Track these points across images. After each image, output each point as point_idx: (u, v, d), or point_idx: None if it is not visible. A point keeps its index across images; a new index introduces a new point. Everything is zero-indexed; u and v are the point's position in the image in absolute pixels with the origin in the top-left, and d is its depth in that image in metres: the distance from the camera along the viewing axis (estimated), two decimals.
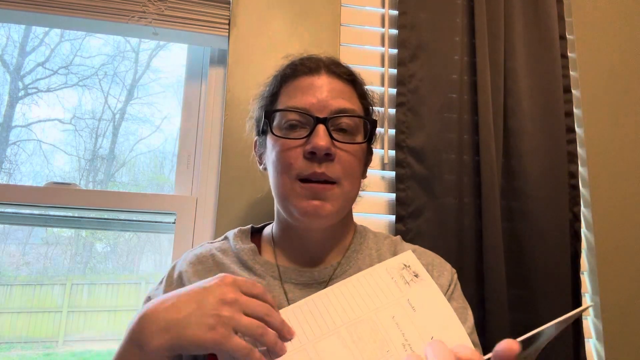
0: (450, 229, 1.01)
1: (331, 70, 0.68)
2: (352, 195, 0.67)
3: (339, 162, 0.63)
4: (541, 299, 1.00)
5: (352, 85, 0.70)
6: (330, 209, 0.63)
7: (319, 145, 0.61)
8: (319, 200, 0.62)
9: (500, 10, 1.12)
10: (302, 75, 0.68)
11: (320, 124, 0.62)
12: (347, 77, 0.69)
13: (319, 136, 0.61)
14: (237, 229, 0.74)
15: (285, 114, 0.65)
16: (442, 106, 1.07)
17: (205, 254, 0.70)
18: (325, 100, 0.64)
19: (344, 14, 1.16)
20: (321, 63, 0.69)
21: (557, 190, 1.06)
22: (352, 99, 0.68)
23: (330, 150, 0.62)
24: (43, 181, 1.03)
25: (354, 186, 0.66)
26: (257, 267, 0.67)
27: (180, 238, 1.02)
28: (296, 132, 0.64)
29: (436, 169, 1.04)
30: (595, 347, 1.10)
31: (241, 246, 0.70)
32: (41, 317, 1.57)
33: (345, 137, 0.65)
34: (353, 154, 0.65)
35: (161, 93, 1.45)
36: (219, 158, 1.07)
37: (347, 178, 0.64)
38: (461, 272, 0.99)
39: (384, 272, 0.57)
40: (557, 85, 1.12)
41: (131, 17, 1.01)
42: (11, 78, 1.38)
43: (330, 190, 0.63)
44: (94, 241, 1.48)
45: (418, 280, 0.57)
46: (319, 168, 0.62)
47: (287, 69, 0.70)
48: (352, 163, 0.65)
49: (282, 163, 0.64)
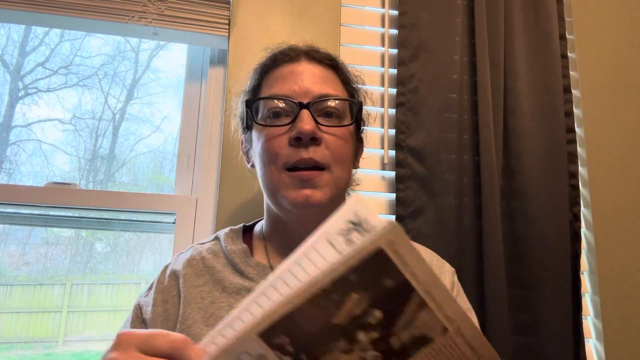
0: (450, 229, 1.01)
1: (311, 57, 0.67)
2: (343, 182, 0.64)
3: (326, 146, 0.61)
4: (541, 299, 1.00)
5: (333, 70, 0.68)
6: (321, 197, 0.60)
7: (304, 129, 0.59)
8: (308, 189, 0.60)
9: (500, 10, 1.12)
10: (282, 64, 0.67)
11: (304, 109, 0.61)
12: (328, 62, 0.68)
13: (303, 120, 0.60)
14: (228, 229, 0.72)
15: (268, 102, 0.64)
16: (442, 106, 1.07)
17: (196, 256, 0.67)
18: (307, 86, 0.63)
19: (344, 14, 1.16)
20: (300, 51, 0.68)
21: (557, 190, 1.06)
22: (335, 84, 0.67)
23: (316, 134, 0.60)
24: (43, 181, 1.03)
25: (344, 172, 0.64)
26: (248, 271, 0.65)
27: (180, 238, 1.02)
28: (280, 120, 0.63)
29: (436, 169, 1.04)
30: (595, 347, 1.10)
31: (232, 247, 0.67)
32: (41, 317, 1.57)
33: (332, 121, 0.63)
34: (341, 137, 0.63)
35: (161, 93, 1.45)
36: (219, 158, 1.07)
37: (337, 163, 0.62)
38: (461, 272, 0.99)
39: (326, 245, 0.39)
40: (557, 85, 1.12)
41: (131, 17, 1.01)
42: (11, 78, 1.38)
43: (320, 176, 0.61)
44: (94, 241, 1.48)
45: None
46: (306, 153, 0.60)
47: (267, 60, 0.69)
48: (341, 147, 0.63)
49: (268, 153, 0.62)
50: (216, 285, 0.64)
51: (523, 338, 1.00)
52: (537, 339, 0.99)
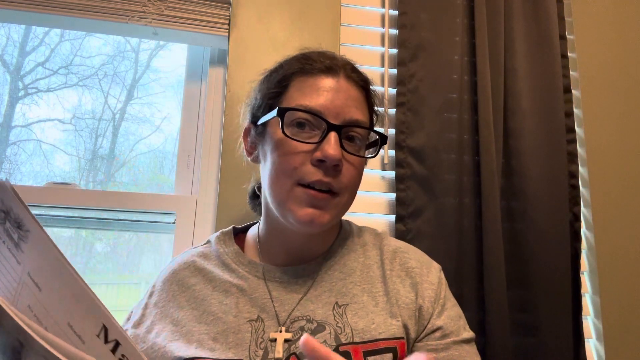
0: (450, 229, 1.01)
1: (349, 75, 0.65)
2: (348, 206, 0.66)
3: (345, 174, 0.61)
4: (541, 299, 1.00)
5: (366, 93, 0.67)
6: (327, 219, 0.61)
7: (330, 155, 0.58)
8: (317, 210, 0.60)
9: (500, 10, 1.12)
10: (318, 73, 0.63)
11: (333, 131, 0.59)
12: (363, 84, 0.67)
13: (331, 145, 0.58)
14: (219, 232, 0.73)
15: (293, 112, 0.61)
16: (442, 106, 1.07)
17: (187, 260, 0.69)
18: (341, 107, 0.61)
19: (344, 14, 1.16)
20: (340, 64, 0.65)
21: (557, 190, 1.06)
22: (365, 110, 0.66)
23: (340, 162, 0.59)
24: (43, 181, 1.03)
25: (351, 198, 0.65)
26: (240, 269, 0.66)
27: (180, 238, 1.02)
28: (305, 133, 0.60)
29: (436, 169, 1.04)
30: (595, 347, 1.10)
31: (224, 249, 0.69)
32: None
33: (353, 147, 0.63)
34: (357, 167, 0.63)
35: (161, 93, 1.45)
36: (219, 158, 1.07)
37: (348, 190, 0.63)
38: (461, 272, 0.99)
39: None
40: (557, 85, 1.12)
41: (131, 17, 1.01)
42: (11, 78, 1.38)
43: (332, 200, 0.61)
44: (94, 241, 1.48)
45: (29, 235, 0.35)
46: (325, 177, 0.59)
47: (303, 62, 0.65)
48: (356, 176, 0.63)
49: (286, 165, 0.60)
50: (207, 284, 0.65)
51: (523, 338, 1.00)
52: (537, 339, 0.99)
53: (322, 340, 0.58)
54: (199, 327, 0.60)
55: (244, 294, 0.63)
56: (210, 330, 0.59)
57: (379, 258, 0.68)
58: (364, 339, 0.58)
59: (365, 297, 0.63)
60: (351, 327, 0.59)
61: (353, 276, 0.65)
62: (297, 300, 0.62)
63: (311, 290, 0.63)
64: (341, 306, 0.62)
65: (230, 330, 0.59)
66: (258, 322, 0.60)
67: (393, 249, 0.69)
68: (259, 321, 0.60)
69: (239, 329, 0.59)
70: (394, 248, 0.70)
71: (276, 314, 0.61)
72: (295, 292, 0.63)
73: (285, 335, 0.58)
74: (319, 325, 0.60)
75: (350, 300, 0.62)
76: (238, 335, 0.59)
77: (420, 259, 0.69)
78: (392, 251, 0.69)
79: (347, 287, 0.64)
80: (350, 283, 0.64)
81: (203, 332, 0.59)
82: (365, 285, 0.64)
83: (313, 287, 0.64)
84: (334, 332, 0.59)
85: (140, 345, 0.61)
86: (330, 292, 0.63)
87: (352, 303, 0.62)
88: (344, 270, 0.66)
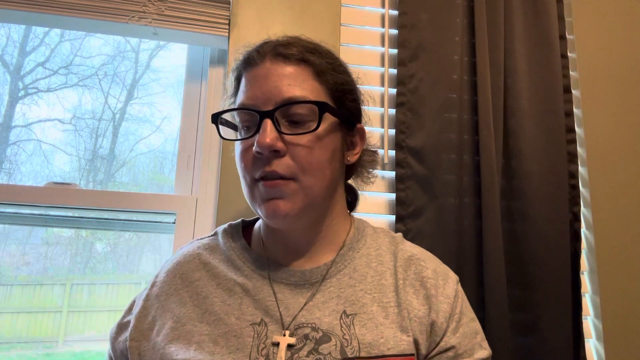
0: (450, 229, 1.01)
1: (277, 53, 0.60)
2: (316, 190, 0.59)
3: (292, 156, 0.57)
4: (541, 299, 1.00)
5: (304, 64, 0.61)
6: (289, 208, 0.57)
7: (260, 144, 0.56)
8: (277, 199, 0.57)
9: (500, 10, 1.12)
10: (251, 66, 0.61)
11: (266, 118, 0.57)
12: (300, 56, 0.61)
13: (263, 133, 0.56)
14: (227, 224, 0.70)
15: (239, 112, 0.60)
16: (442, 106, 1.07)
17: (192, 252, 0.67)
18: (270, 91, 0.58)
19: (344, 14, 1.16)
20: (267, 49, 0.61)
21: (557, 190, 1.06)
22: (305, 82, 0.60)
23: (277, 146, 0.56)
24: (43, 181, 1.03)
25: (318, 179, 0.59)
26: (245, 267, 0.63)
27: (180, 238, 1.02)
28: (250, 130, 0.59)
29: (436, 169, 1.04)
30: (595, 347, 1.10)
31: (230, 244, 0.66)
32: (41, 317, 1.57)
33: (297, 128, 0.58)
34: (309, 145, 0.58)
35: (161, 93, 1.45)
36: (219, 158, 1.07)
37: (305, 172, 0.58)
38: (461, 272, 0.99)
39: None
40: (557, 85, 1.12)
41: (131, 17, 1.01)
42: (11, 78, 1.38)
43: (285, 185, 0.57)
44: (94, 241, 1.48)
45: None
46: (269, 167, 0.57)
47: (240, 62, 0.64)
48: (310, 155, 0.58)
49: (241, 166, 0.60)
50: (211, 280, 0.63)
51: (523, 338, 1.00)
52: (537, 339, 0.99)
53: (327, 351, 0.55)
54: (200, 327, 0.58)
55: (247, 294, 0.60)
56: (212, 332, 0.58)
57: (393, 265, 0.64)
58: (371, 354, 0.55)
59: (375, 307, 0.60)
60: (358, 340, 0.56)
61: (364, 283, 0.62)
62: (303, 304, 0.59)
63: (318, 295, 0.60)
64: (349, 316, 0.59)
65: (232, 333, 0.57)
66: (261, 326, 0.58)
67: (408, 256, 0.66)
68: (262, 325, 0.58)
69: (241, 332, 0.57)
70: (410, 255, 0.66)
71: (280, 317, 0.58)
72: (301, 296, 0.60)
73: (288, 340, 0.56)
74: (325, 335, 0.57)
75: (359, 309, 0.59)
76: (239, 339, 0.56)
77: (436, 268, 0.66)
78: (407, 258, 0.65)
79: (357, 295, 0.60)
80: (360, 291, 0.61)
81: (204, 332, 0.58)
82: (376, 294, 0.61)
83: (320, 292, 0.61)
84: (340, 344, 0.56)
85: (143, 344, 0.60)
86: (338, 299, 0.60)
87: (360, 313, 0.59)
88: (354, 275, 0.62)
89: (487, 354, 0.63)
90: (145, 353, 0.59)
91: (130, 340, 0.61)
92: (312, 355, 0.55)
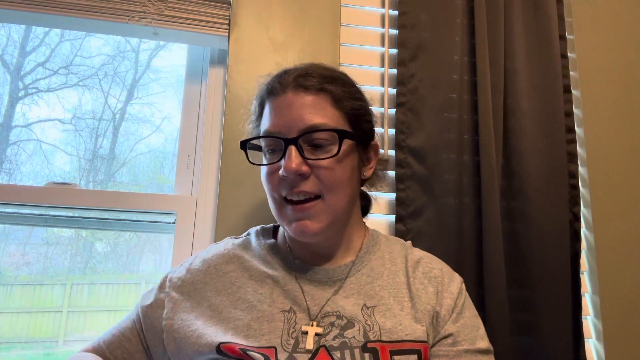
0: (450, 229, 1.01)
1: (298, 84, 0.66)
2: (339, 207, 0.66)
3: (317, 177, 0.64)
4: (541, 299, 1.00)
5: (323, 93, 0.66)
6: (317, 228, 0.64)
7: (287, 168, 0.62)
8: (305, 220, 0.63)
9: (500, 10, 1.12)
10: (274, 95, 0.67)
11: (291, 145, 0.63)
12: (319, 86, 0.66)
13: (288, 158, 0.62)
14: (260, 227, 0.77)
15: (264, 139, 0.67)
16: (442, 106, 1.07)
17: (227, 247, 0.74)
18: (294, 119, 0.64)
19: (344, 14, 1.16)
20: (289, 79, 0.67)
21: (557, 190, 1.06)
22: (324, 109, 0.65)
23: (301, 170, 0.62)
24: (43, 181, 1.03)
25: (339, 197, 0.65)
26: (274, 261, 0.70)
27: (180, 238, 1.02)
28: (275, 155, 0.66)
29: (436, 169, 1.04)
30: (595, 347, 1.10)
31: (262, 241, 0.73)
32: (41, 317, 1.57)
33: (319, 153, 0.64)
34: (330, 167, 0.64)
35: (161, 93, 1.45)
36: (219, 158, 1.07)
37: (329, 191, 0.64)
38: (461, 272, 0.99)
39: None
40: (557, 85, 1.12)
41: (131, 17, 1.01)
42: (11, 78, 1.38)
43: (314, 206, 0.63)
44: (94, 241, 1.48)
45: None
46: (297, 188, 0.63)
47: (264, 91, 0.70)
48: (332, 176, 0.64)
49: (268, 187, 0.67)
50: (244, 272, 0.69)
51: (523, 338, 1.00)
52: (537, 339, 0.99)
53: (351, 336, 0.61)
54: (235, 312, 0.64)
55: (277, 285, 0.67)
56: (245, 317, 0.63)
57: (404, 266, 0.71)
58: (392, 338, 0.61)
59: (391, 300, 0.66)
60: (379, 326, 0.62)
61: (380, 280, 0.68)
62: (327, 297, 0.65)
63: (340, 292, 0.66)
64: (369, 307, 0.65)
65: (264, 318, 0.63)
66: (290, 313, 0.64)
67: (417, 258, 0.73)
68: (291, 312, 0.64)
69: (273, 317, 0.63)
70: (418, 258, 0.73)
71: (307, 308, 0.64)
72: (325, 291, 0.66)
73: (316, 329, 0.62)
74: (349, 321, 0.63)
75: (377, 302, 0.65)
76: (272, 323, 0.62)
77: (443, 268, 0.73)
78: (415, 260, 0.72)
79: (375, 290, 0.67)
80: (377, 286, 0.67)
81: (238, 317, 0.63)
82: (392, 290, 0.67)
83: (342, 289, 0.67)
84: (363, 329, 0.62)
85: (177, 323, 0.65)
86: (358, 295, 0.66)
87: (379, 305, 0.65)
88: (371, 274, 0.69)
89: (488, 346, 0.67)
90: (179, 331, 0.64)
91: (165, 319, 0.67)
92: (337, 339, 0.61)
